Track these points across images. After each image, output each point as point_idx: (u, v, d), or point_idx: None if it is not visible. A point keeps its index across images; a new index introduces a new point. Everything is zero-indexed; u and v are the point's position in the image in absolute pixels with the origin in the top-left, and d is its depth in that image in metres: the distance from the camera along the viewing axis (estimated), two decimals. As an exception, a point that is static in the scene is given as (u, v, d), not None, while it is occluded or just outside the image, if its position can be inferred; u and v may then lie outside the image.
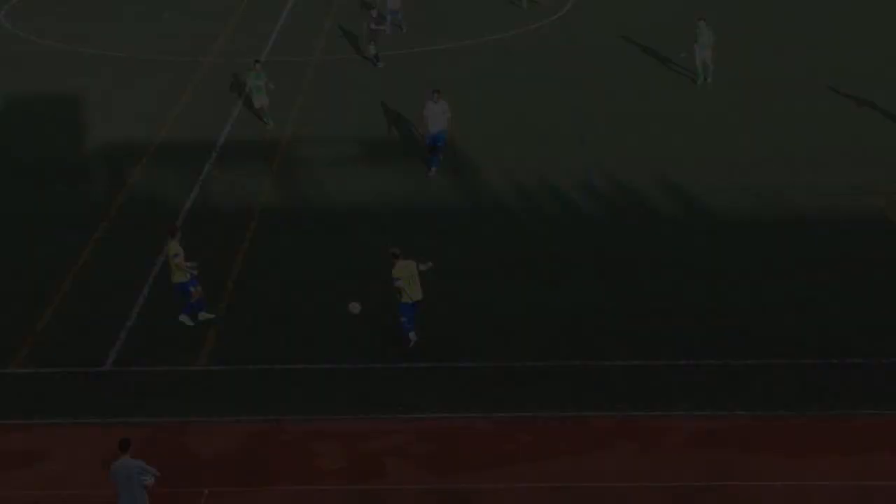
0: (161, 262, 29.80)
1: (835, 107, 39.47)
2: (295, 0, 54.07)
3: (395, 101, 40.62)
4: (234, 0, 53.60)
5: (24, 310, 27.90)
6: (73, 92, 42.27)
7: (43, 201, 33.76)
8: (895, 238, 30.59)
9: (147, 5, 53.49)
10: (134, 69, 44.74)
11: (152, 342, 26.53)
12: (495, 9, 51.84)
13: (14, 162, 36.68)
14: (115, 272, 29.63)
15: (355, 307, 25.67)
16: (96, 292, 28.75)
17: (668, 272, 29.19)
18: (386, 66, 44.34)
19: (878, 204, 32.31)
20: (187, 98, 41.62)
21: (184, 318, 26.90)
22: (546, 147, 36.63)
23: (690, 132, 37.72)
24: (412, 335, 25.87)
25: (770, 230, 31.25)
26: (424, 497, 21.47)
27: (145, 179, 35.09)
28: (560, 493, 21.45)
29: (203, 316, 27.05)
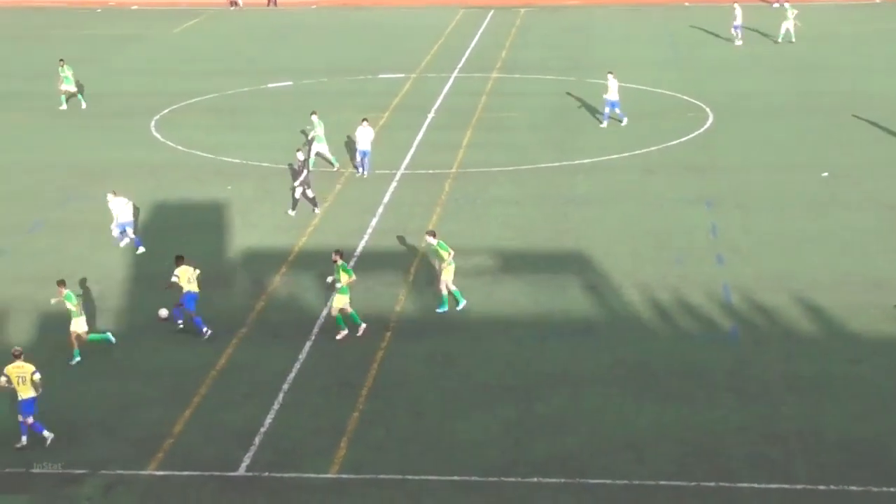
0: (297, 368, 30.23)
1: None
2: (435, 112, 55.12)
3: (531, 214, 40.91)
4: (377, 112, 54.73)
5: (164, 412, 28.39)
6: (217, 200, 43.33)
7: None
8: None
9: (289, 117, 54.77)
10: (276, 178, 45.70)
11: (286, 448, 26.78)
12: (634, 126, 52.12)
13: (157, 269, 37.28)
14: (251, 377, 30.07)
15: None
16: (233, 396, 29.19)
17: (805, 393, 28.70)
18: (523, 180, 44.65)
19: None
20: (327, 207, 42.34)
21: None
22: (684, 264, 36.47)
23: (828, 251, 37.26)
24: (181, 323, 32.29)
25: (912, 353, 30.64)
26: None
27: (284, 286, 35.67)
28: None
29: None
